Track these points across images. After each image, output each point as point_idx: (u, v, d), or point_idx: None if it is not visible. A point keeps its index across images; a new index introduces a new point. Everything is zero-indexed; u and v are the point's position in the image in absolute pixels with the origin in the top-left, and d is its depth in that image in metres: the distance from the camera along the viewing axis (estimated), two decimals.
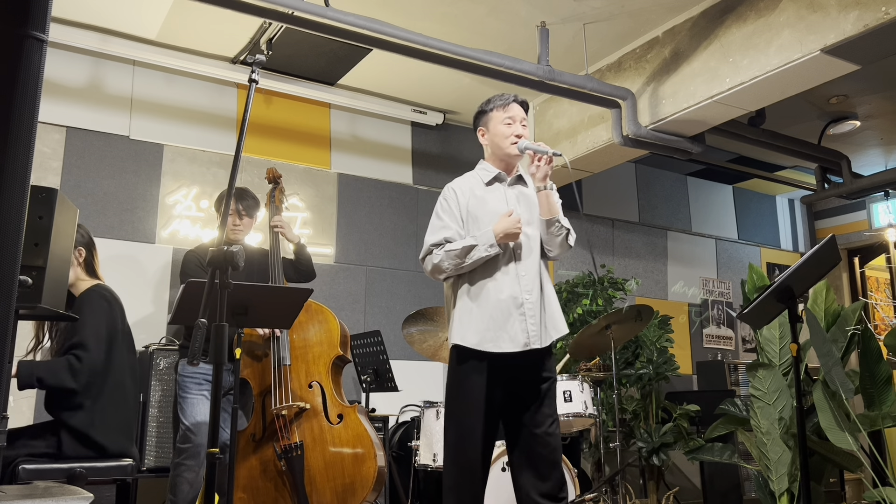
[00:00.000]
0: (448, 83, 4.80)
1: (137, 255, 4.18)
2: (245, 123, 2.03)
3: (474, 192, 2.59)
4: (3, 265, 1.03)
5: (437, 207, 2.62)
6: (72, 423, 2.68)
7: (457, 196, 2.58)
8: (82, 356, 2.69)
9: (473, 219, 2.54)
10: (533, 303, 2.48)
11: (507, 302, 2.46)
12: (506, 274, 2.49)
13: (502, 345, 2.44)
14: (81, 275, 2.92)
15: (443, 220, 2.57)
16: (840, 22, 3.29)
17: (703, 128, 4.31)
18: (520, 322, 2.45)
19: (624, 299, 5.32)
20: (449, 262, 2.48)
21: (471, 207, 2.56)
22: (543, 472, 2.44)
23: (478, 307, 2.47)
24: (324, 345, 3.33)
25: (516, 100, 2.64)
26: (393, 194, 5.12)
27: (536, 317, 2.48)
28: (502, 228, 2.44)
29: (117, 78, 4.28)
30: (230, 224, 3.51)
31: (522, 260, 2.52)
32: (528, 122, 2.66)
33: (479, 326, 2.45)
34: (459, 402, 2.47)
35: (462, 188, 2.61)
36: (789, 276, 2.67)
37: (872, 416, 3.35)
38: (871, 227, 6.64)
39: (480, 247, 2.44)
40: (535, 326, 2.46)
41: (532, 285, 2.50)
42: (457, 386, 2.49)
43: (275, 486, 3.14)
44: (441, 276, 2.55)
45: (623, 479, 4.27)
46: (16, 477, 2.50)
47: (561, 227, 2.55)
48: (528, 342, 2.45)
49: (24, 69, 1.07)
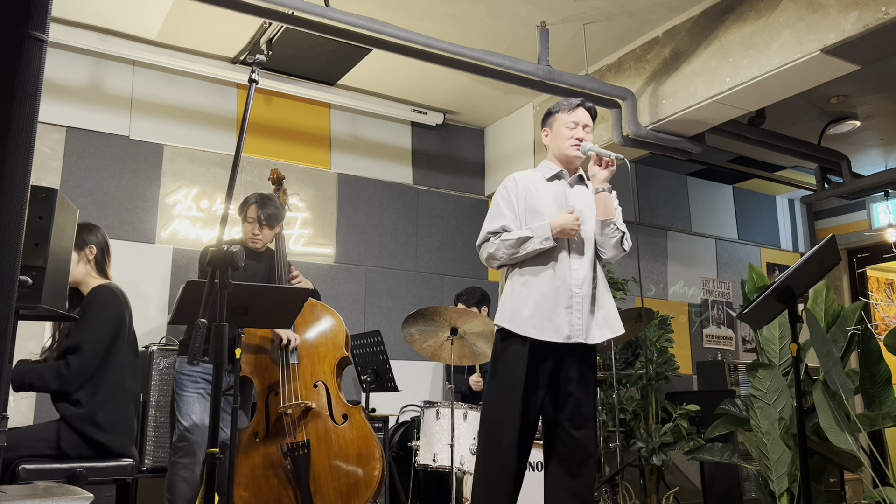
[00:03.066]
0: (448, 83, 4.80)
1: (137, 255, 4.18)
2: (245, 123, 2.03)
3: (535, 186, 2.63)
4: (3, 265, 1.03)
5: (496, 196, 2.65)
6: (73, 423, 2.68)
7: (517, 186, 2.62)
8: (72, 362, 2.68)
9: (532, 211, 2.58)
10: (582, 297, 2.50)
11: (557, 292, 2.48)
12: (559, 267, 2.51)
13: (546, 333, 2.45)
14: (91, 272, 2.91)
15: (500, 208, 2.60)
16: (840, 22, 3.29)
17: (703, 128, 4.30)
18: (566, 314, 2.47)
19: (624, 299, 5.32)
20: (504, 251, 2.52)
21: (530, 200, 2.60)
22: (575, 471, 2.45)
23: (528, 294, 2.50)
24: (329, 345, 3.36)
25: (583, 104, 2.69)
26: (393, 194, 5.12)
27: (584, 311, 2.49)
28: (560, 224, 2.47)
29: (117, 78, 4.28)
30: (249, 233, 3.46)
31: (577, 255, 2.54)
32: (590, 128, 2.70)
33: (526, 313, 2.47)
34: (497, 384, 2.50)
35: (524, 180, 2.65)
36: (789, 276, 2.67)
37: (872, 416, 3.34)
38: (871, 227, 6.64)
39: (536, 239, 2.48)
40: (580, 321, 2.48)
41: (584, 280, 2.52)
42: (497, 368, 2.52)
43: (277, 485, 3.14)
44: (495, 263, 2.59)
45: (623, 479, 4.27)
46: (16, 477, 2.50)
47: (616, 230, 2.57)
48: (571, 335, 2.46)
49: (24, 69, 1.07)
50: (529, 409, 2.46)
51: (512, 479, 2.42)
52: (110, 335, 2.78)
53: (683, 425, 4.51)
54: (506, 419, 2.43)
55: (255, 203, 3.47)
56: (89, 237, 2.91)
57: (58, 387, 2.67)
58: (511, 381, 2.46)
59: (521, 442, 2.44)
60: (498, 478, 2.42)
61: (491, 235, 2.57)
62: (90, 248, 2.89)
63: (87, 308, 2.77)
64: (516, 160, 5.21)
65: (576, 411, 2.49)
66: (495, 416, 2.46)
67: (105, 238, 3.00)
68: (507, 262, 2.56)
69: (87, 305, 2.78)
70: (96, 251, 2.91)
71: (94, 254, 2.91)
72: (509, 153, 5.26)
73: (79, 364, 2.68)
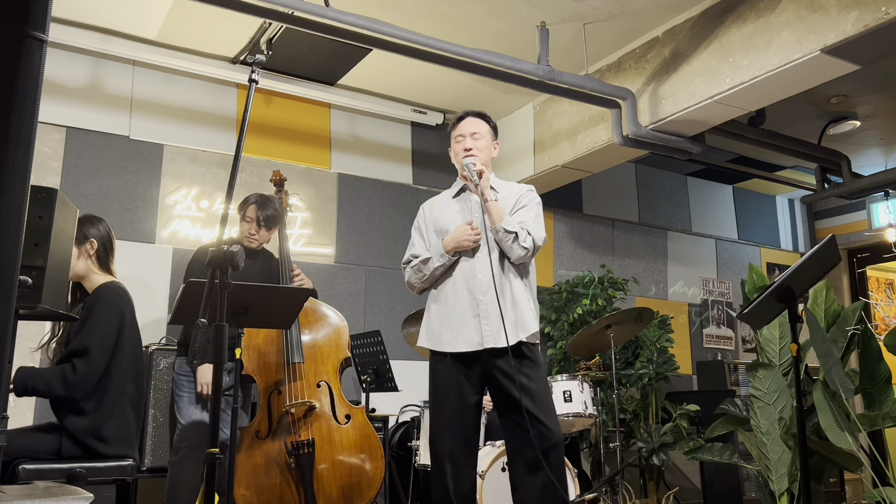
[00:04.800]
0: (448, 83, 4.81)
1: (137, 255, 4.18)
2: (245, 123, 2.03)
3: (441, 207, 2.80)
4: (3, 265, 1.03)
5: (412, 230, 2.86)
6: (73, 430, 2.65)
7: (424, 213, 2.82)
8: (78, 366, 2.61)
9: (442, 232, 2.72)
10: (487, 304, 2.58)
11: (463, 303, 2.62)
12: (464, 278, 2.64)
13: (458, 345, 2.59)
14: (94, 268, 2.83)
15: (412, 238, 2.81)
16: (840, 22, 3.29)
17: (703, 128, 4.30)
18: (475, 322, 2.58)
19: (624, 299, 5.32)
20: (414, 276, 2.72)
21: (437, 222, 2.76)
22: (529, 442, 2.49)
23: (438, 309, 2.67)
24: (333, 346, 3.38)
25: (466, 114, 2.81)
26: (393, 194, 5.13)
27: (491, 317, 2.57)
28: (452, 238, 2.63)
29: (117, 78, 4.28)
30: (246, 232, 3.49)
31: (480, 264, 2.63)
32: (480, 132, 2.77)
33: (437, 328, 2.65)
34: (431, 400, 2.68)
35: (431, 204, 2.84)
36: (789, 276, 2.67)
37: (872, 416, 3.34)
38: (871, 227, 6.64)
39: (434, 257, 2.65)
40: (489, 327, 2.56)
41: (487, 287, 2.60)
42: (430, 385, 2.69)
43: (279, 483, 3.15)
44: (414, 290, 2.78)
45: (623, 479, 4.27)
46: (16, 477, 2.49)
47: (506, 233, 2.60)
48: (483, 342, 2.56)
49: (24, 69, 1.07)
50: (463, 418, 2.58)
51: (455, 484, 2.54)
52: (115, 339, 2.71)
53: (683, 425, 4.51)
54: (439, 433, 2.59)
55: (254, 203, 3.49)
56: (90, 230, 2.82)
57: (64, 392, 2.60)
58: (440, 396, 2.62)
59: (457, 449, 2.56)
60: (440, 484, 2.56)
61: (405, 266, 2.75)
62: (91, 242, 2.81)
63: (93, 310, 2.70)
64: (516, 160, 5.21)
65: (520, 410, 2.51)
66: (432, 432, 2.63)
67: (108, 231, 2.90)
68: (423, 286, 2.73)
69: (92, 307, 2.71)
70: (97, 245, 2.83)
71: (96, 248, 2.83)
72: (509, 153, 5.26)
73: (86, 369, 2.61)
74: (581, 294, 5.05)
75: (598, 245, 5.98)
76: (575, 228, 5.88)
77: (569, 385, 3.62)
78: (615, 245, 6.08)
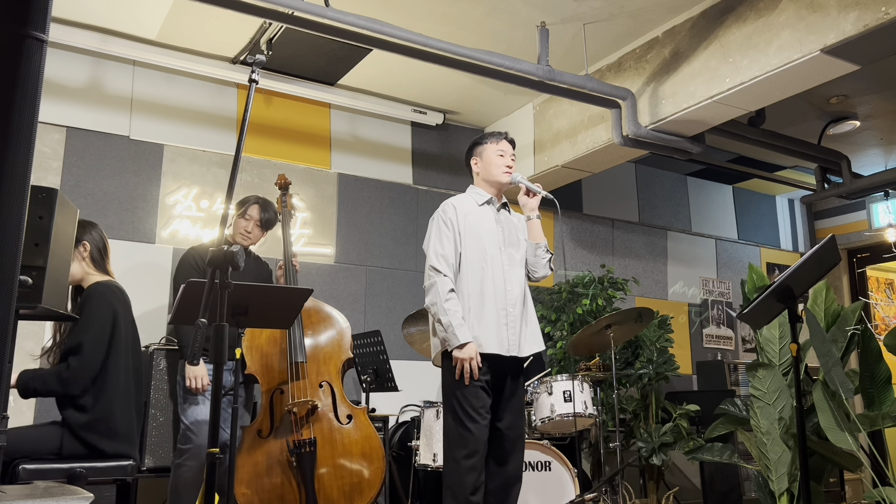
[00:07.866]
0: (448, 83, 4.81)
1: (137, 255, 4.18)
2: (245, 123, 2.03)
3: (472, 212, 2.90)
4: (3, 265, 1.03)
5: (438, 220, 2.89)
6: (77, 431, 2.66)
7: (455, 211, 2.88)
8: (72, 362, 2.67)
9: (471, 232, 2.84)
10: (516, 316, 2.79)
11: (490, 312, 2.75)
12: (492, 288, 2.78)
13: (491, 347, 2.73)
14: (89, 269, 2.90)
15: (440, 231, 2.85)
16: (840, 22, 3.29)
17: (703, 128, 4.30)
18: (504, 330, 2.76)
19: (624, 299, 5.32)
20: (438, 316, 2.71)
21: (468, 222, 2.86)
22: (506, 459, 2.73)
23: (469, 315, 2.76)
24: (335, 347, 3.40)
25: (506, 137, 3.02)
26: (393, 194, 5.13)
27: (517, 328, 2.79)
28: (468, 352, 2.65)
29: (117, 78, 4.28)
30: (242, 228, 3.62)
31: (512, 276, 2.84)
32: (514, 158, 3.04)
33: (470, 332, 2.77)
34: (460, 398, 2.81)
35: (460, 205, 2.91)
36: (789, 276, 2.67)
37: (872, 416, 3.35)
38: (871, 227, 6.64)
39: (451, 340, 2.67)
40: (514, 337, 2.77)
41: (517, 300, 2.81)
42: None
43: (280, 483, 3.15)
44: (427, 312, 2.84)
45: (623, 479, 4.27)
46: (16, 477, 2.49)
47: (546, 251, 2.89)
48: (509, 349, 2.76)
49: (24, 69, 1.07)
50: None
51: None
52: (109, 333, 2.76)
53: (683, 425, 4.51)
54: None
55: (257, 204, 3.63)
56: (83, 235, 2.90)
57: (61, 389, 2.66)
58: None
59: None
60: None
61: (435, 272, 2.76)
62: (83, 245, 2.89)
63: (84, 307, 2.76)
64: (516, 160, 5.21)
65: (513, 420, 2.78)
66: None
67: (101, 235, 2.98)
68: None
69: (83, 304, 2.78)
70: (90, 248, 2.90)
71: (89, 251, 2.90)
72: None
73: (79, 365, 2.67)
74: (581, 294, 5.05)
75: (598, 245, 5.98)
76: (575, 228, 5.88)
77: (568, 385, 3.62)
78: (615, 245, 6.08)
